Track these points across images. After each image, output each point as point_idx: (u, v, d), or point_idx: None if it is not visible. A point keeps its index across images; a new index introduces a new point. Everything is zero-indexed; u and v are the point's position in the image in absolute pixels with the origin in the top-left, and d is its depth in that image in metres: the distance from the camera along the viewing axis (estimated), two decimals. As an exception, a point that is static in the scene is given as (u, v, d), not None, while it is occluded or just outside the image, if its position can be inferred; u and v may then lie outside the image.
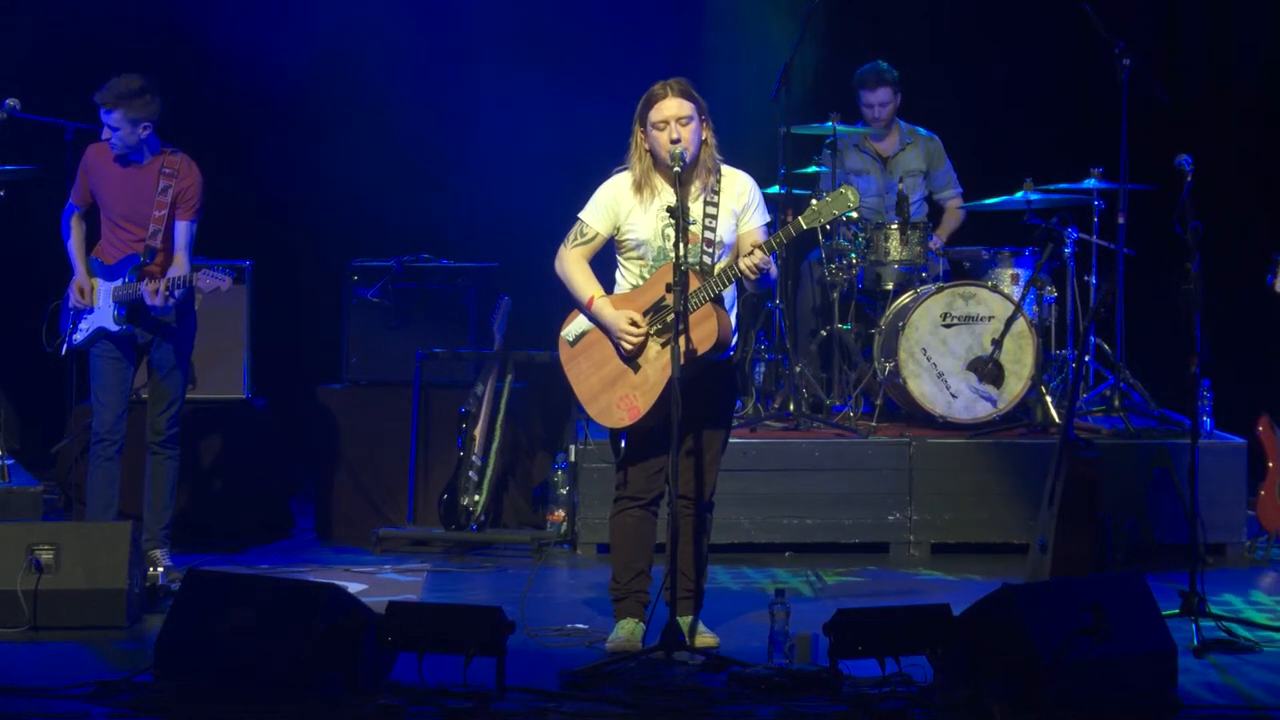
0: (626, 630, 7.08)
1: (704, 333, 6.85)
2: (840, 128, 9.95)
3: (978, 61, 11.20)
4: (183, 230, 8.24)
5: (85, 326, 8.31)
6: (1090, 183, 9.70)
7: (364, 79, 10.96)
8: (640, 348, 6.95)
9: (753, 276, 6.82)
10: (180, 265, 8.19)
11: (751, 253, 6.81)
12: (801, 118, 9.93)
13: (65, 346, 8.39)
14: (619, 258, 7.11)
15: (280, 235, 10.70)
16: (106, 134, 8.17)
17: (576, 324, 7.12)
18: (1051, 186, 9.76)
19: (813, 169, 10.20)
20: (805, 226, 6.87)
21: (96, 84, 8.14)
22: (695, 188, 6.99)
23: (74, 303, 8.32)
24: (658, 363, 6.91)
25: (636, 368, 6.96)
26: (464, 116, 10.94)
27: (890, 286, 9.82)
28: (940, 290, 9.52)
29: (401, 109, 10.96)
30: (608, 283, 7.11)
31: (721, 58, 11.13)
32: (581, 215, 7.08)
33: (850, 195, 6.88)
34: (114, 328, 8.24)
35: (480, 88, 10.93)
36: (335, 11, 10.87)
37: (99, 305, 8.27)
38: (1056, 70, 11.22)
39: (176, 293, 8.13)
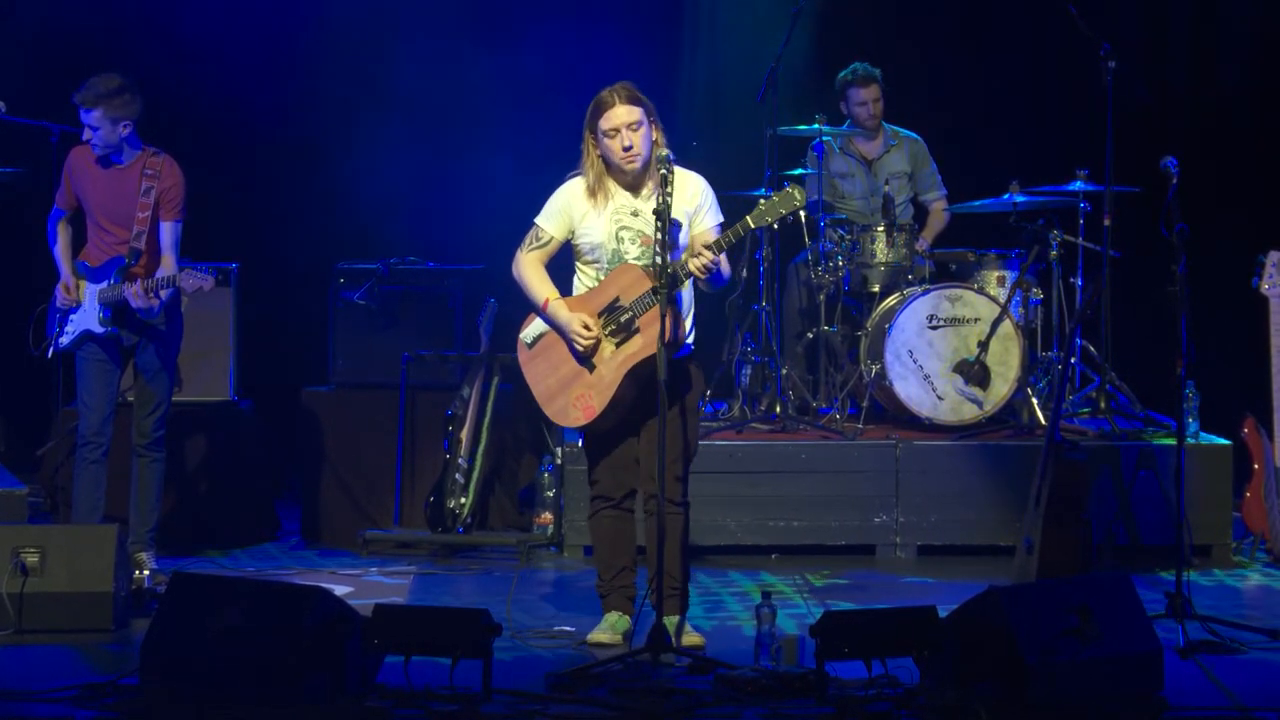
0: (609, 623, 7.17)
1: (654, 334, 6.88)
2: (826, 129, 9.95)
3: (963, 63, 11.20)
4: (167, 231, 8.23)
5: (71, 329, 8.29)
6: (1076, 185, 9.70)
7: (351, 80, 10.95)
8: (594, 348, 7.02)
9: (702, 276, 6.90)
10: (167, 266, 8.18)
11: (699, 253, 6.87)
12: (788, 120, 9.93)
13: (51, 349, 8.38)
14: (576, 262, 7.20)
15: (266, 238, 10.68)
16: (87, 134, 8.16)
17: (533, 327, 7.23)
18: (1037, 189, 9.77)
19: (799, 171, 10.20)
20: (753, 226, 6.97)
21: (81, 85, 8.14)
22: (647, 189, 7.09)
23: (60, 303, 8.31)
24: (612, 362, 7.01)
25: (592, 368, 7.05)
26: (450, 119, 10.93)
27: (876, 288, 9.82)
28: (926, 292, 9.53)
29: (388, 111, 10.95)
30: (566, 287, 7.19)
31: (708, 60, 11.14)
32: (537, 220, 7.20)
33: (797, 194, 6.95)
34: (99, 329, 8.23)
35: (468, 90, 10.92)
36: (321, 12, 10.86)
37: (85, 307, 8.26)
38: (1042, 72, 11.23)
39: (161, 293, 8.11)
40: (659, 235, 6.80)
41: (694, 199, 7.09)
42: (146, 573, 8.13)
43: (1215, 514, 9.10)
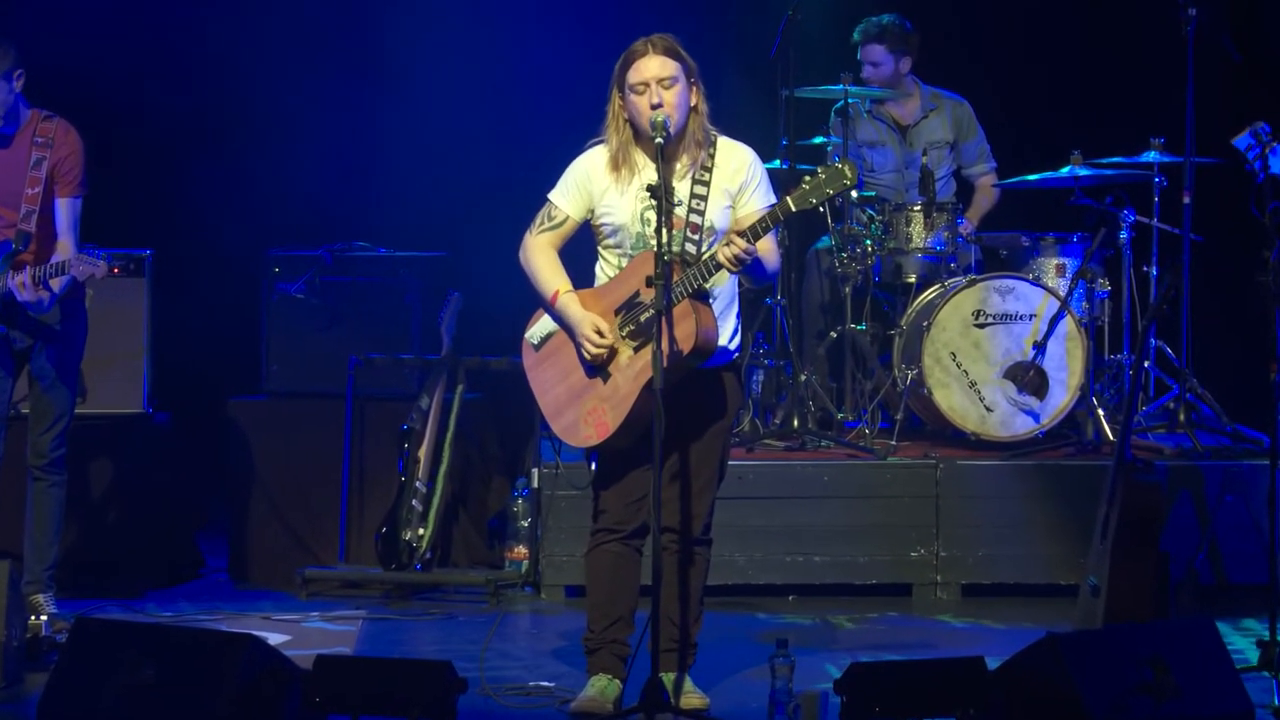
0: (597, 689, 7.07)
1: (681, 333, 6.81)
2: (852, 90, 9.94)
3: (1014, 14, 11.19)
4: (65, 209, 8.20)
5: (-49, 330, 8.29)
6: (1150, 156, 9.73)
7: (287, 35, 10.93)
8: (608, 354, 6.93)
9: (734, 269, 6.79)
10: (64, 252, 8.15)
11: (731, 241, 6.79)
12: (806, 79, 9.92)
13: (-71, 353, 8.37)
14: (598, 246, 7.10)
15: (187, 219, 10.68)
16: (-32, 103, 8.15)
17: (541, 324, 7.11)
18: (1104, 160, 9.78)
19: (820, 140, 10.19)
20: (794, 208, 6.84)
21: None
22: (682, 163, 6.98)
23: (-63, 300, 8.31)
24: (629, 370, 6.90)
25: (606, 376, 6.95)
26: (405, 84, 10.91)
27: (912, 279, 9.83)
28: (972, 283, 9.54)
29: (331, 73, 10.94)
30: (588, 276, 7.09)
31: (712, 9, 11.12)
32: (550, 196, 7.09)
33: (848, 171, 6.84)
34: (-17, 329, 8.23)
35: (423, 47, 10.90)
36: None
37: (-34, 304, 8.26)
38: (1108, 23, 11.21)
39: (53, 284, 8.08)
40: (643, 212, 6.81)
41: (738, 175, 7.01)
42: (44, 618, 8.12)
43: (1316, 547, 9.11)
